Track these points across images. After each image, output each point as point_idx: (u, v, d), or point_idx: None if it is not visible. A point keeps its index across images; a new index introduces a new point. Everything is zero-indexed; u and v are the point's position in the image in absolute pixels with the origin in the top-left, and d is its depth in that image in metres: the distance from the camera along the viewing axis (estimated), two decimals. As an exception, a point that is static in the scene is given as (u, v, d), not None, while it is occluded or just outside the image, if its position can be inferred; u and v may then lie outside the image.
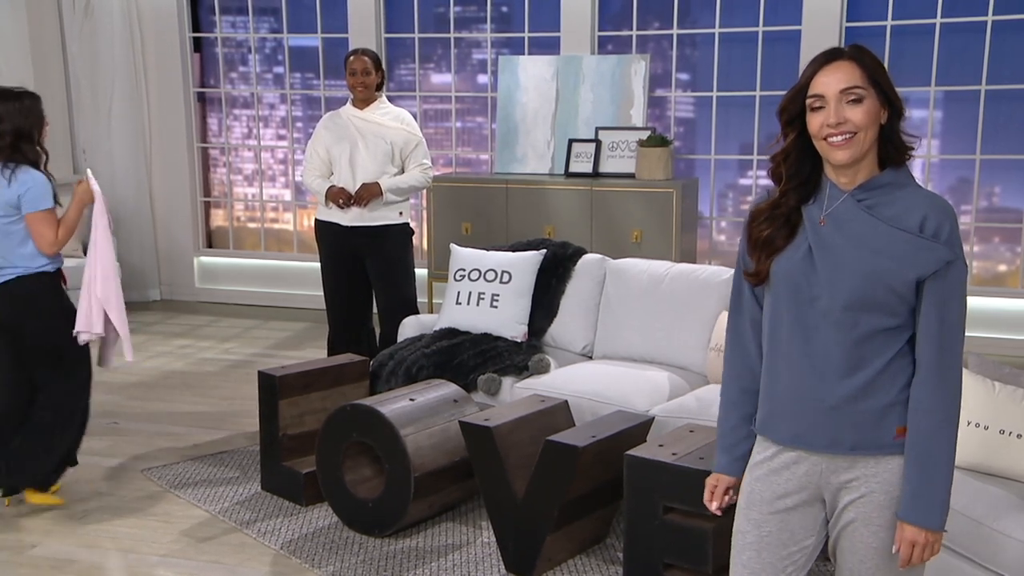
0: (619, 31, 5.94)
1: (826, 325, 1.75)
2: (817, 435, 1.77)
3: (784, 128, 1.81)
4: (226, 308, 6.76)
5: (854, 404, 1.74)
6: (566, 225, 5.47)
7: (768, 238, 1.82)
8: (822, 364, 1.75)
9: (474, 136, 6.54)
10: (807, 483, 1.82)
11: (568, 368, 3.79)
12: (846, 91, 1.73)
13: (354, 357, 3.91)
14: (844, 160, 1.73)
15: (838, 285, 1.73)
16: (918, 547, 1.73)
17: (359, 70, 4.37)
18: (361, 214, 4.39)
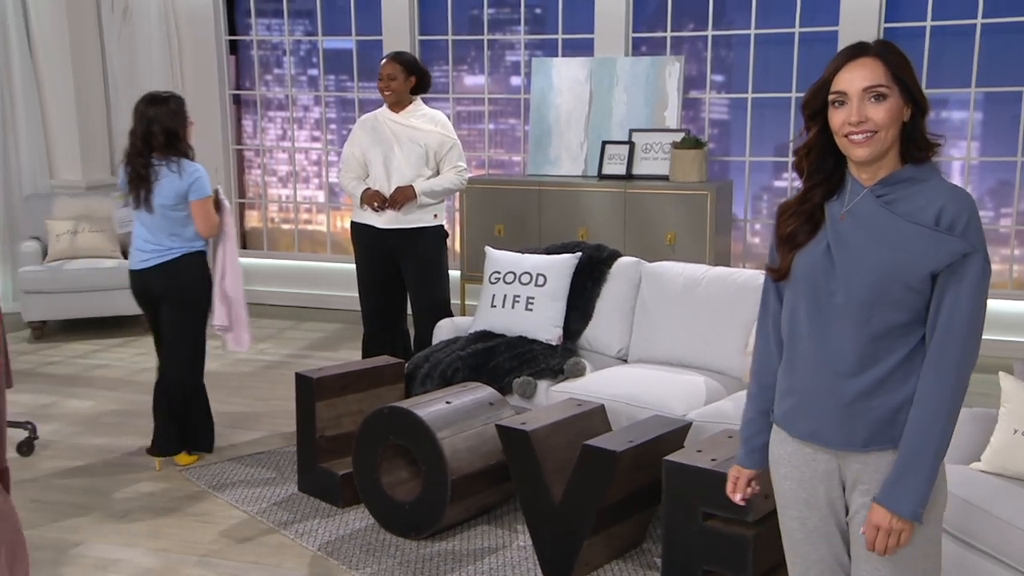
0: (653, 32, 5.93)
1: (842, 321, 1.75)
2: (832, 431, 1.79)
3: (807, 122, 1.82)
4: (260, 309, 6.81)
5: (868, 400, 1.75)
6: (599, 227, 5.47)
7: (791, 233, 1.83)
8: (837, 360, 1.76)
9: (507, 138, 6.54)
10: (829, 477, 1.83)
11: (603, 372, 3.79)
12: (869, 89, 1.72)
13: (390, 359, 3.94)
14: (864, 157, 1.73)
15: (854, 281, 1.74)
16: (882, 531, 1.73)
17: (385, 75, 4.41)
18: (396, 216, 4.42)
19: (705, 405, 3.44)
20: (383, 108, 4.52)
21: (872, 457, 1.77)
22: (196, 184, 3.84)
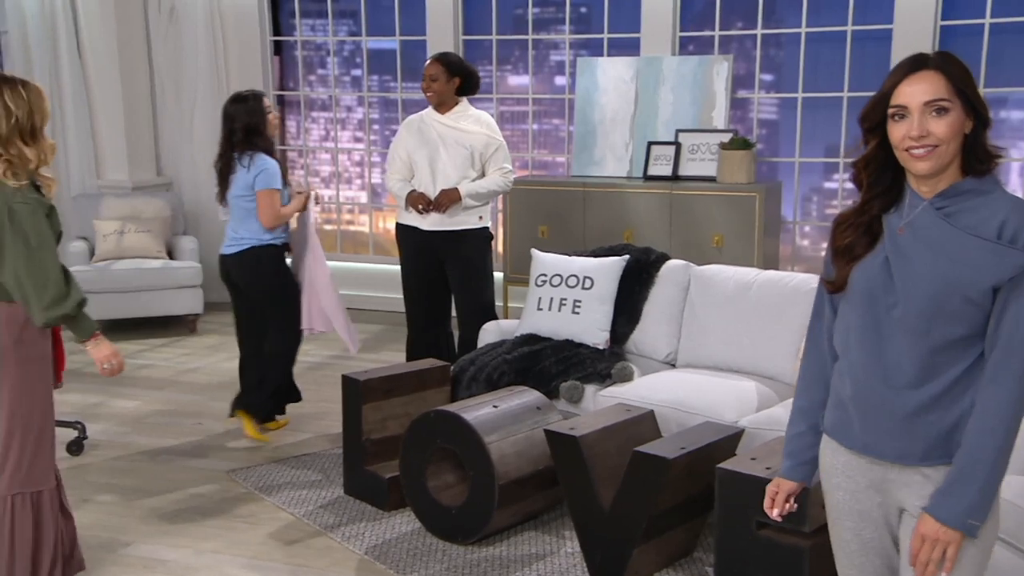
0: (701, 31, 5.88)
1: (900, 334, 1.74)
2: (888, 444, 1.77)
3: (865, 135, 1.81)
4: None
5: (926, 415, 1.73)
6: (645, 229, 5.43)
7: (848, 246, 1.82)
8: (895, 374, 1.75)
9: (551, 138, 6.53)
10: (884, 490, 1.81)
11: (652, 376, 3.77)
12: (930, 103, 1.70)
13: (436, 362, 3.94)
14: (925, 171, 1.72)
15: (913, 294, 1.72)
16: (928, 542, 1.71)
17: (428, 75, 4.42)
18: (441, 219, 4.43)
19: (757, 411, 3.40)
20: (429, 109, 4.53)
21: (929, 471, 1.75)
22: (261, 176, 4.09)
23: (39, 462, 2.76)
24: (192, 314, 6.25)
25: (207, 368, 5.50)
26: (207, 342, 6.07)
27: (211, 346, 5.96)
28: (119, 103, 6.68)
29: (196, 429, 4.49)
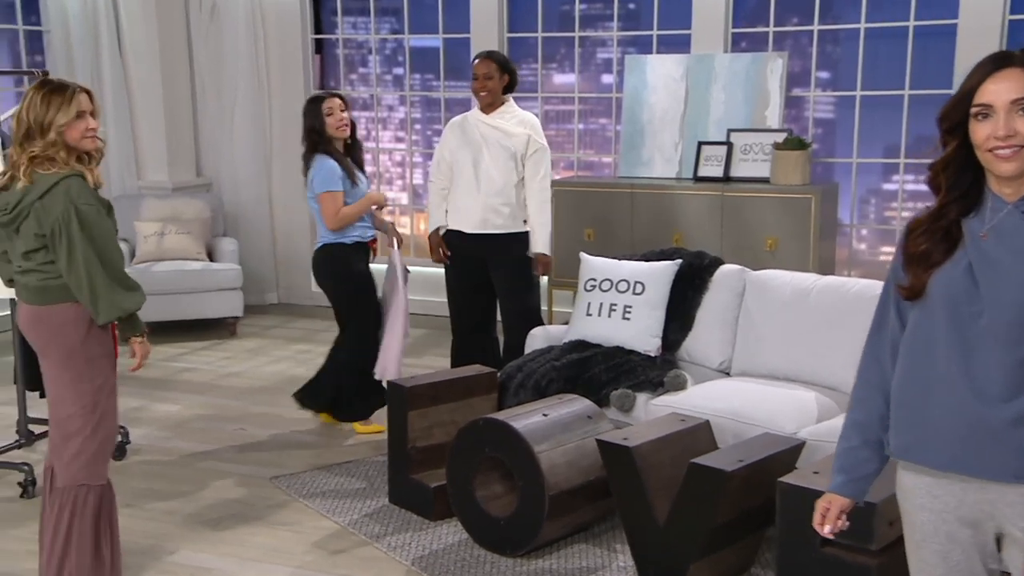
0: (754, 27, 5.83)
1: (988, 344, 1.70)
2: (979, 460, 1.73)
3: (944, 136, 1.78)
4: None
5: (1019, 428, 1.69)
6: (695, 232, 5.40)
7: (925, 252, 1.79)
8: (984, 385, 1.71)
9: (597, 138, 6.52)
10: (975, 508, 1.77)
11: (706, 385, 3.74)
12: (1017, 101, 1.68)
13: (482, 369, 3.95)
14: (1011, 172, 1.69)
15: (1002, 301, 1.69)
16: None
17: (481, 74, 4.41)
18: (485, 221, 4.44)
19: (817, 423, 3.37)
20: (474, 110, 4.54)
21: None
22: (317, 178, 4.26)
23: (101, 457, 2.87)
24: (232, 317, 6.32)
25: (248, 372, 5.56)
26: (247, 345, 6.14)
27: (251, 350, 6.03)
28: (160, 103, 6.78)
29: (238, 434, 4.54)
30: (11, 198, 2.77)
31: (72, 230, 2.71)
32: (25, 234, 2.78)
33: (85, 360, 2.80)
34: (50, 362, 2.83)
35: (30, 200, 2.73)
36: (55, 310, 2.79)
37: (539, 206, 4.47)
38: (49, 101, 2.75)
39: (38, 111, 2.75)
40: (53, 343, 2.80)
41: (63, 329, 2.79)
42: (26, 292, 2.83)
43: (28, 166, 2.74)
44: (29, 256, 2.79)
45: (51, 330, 2.80)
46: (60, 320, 2.79)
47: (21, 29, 6.46)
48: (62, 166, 2.76)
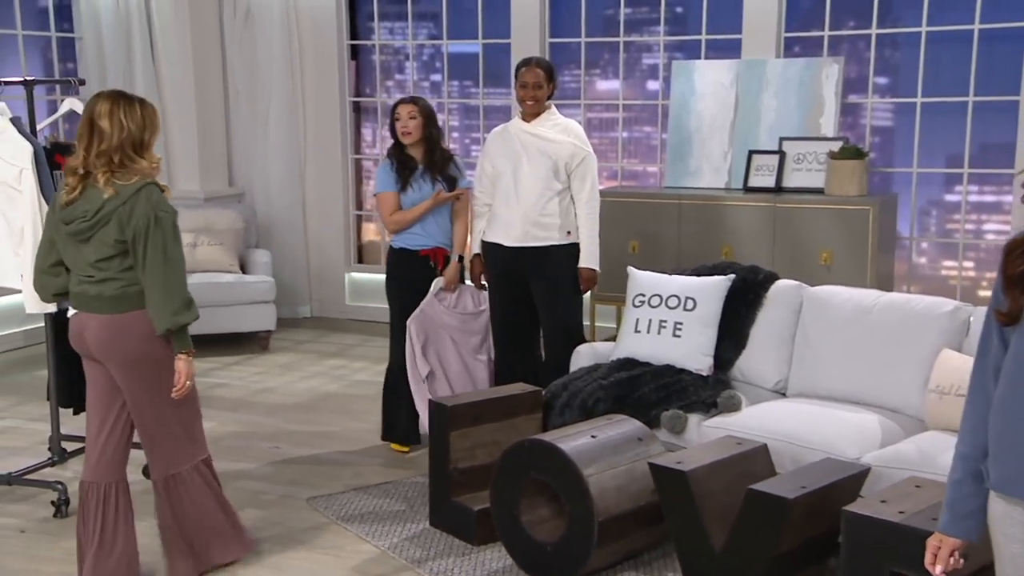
0: (808, 32, 5.79)
1: None
2: None
3: None
4: (377, 327, 6.91)
5: None
6: (745, 245, 5.36)
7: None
8: None
9: (642, 147, 6.50)
10: None
11: (761, 406, 3.71)
12: None
13: (526, 387, 3.94)
14: None
15: None
16: None
17: (531, 83, 4.41)
18: (526, 234, 4.43)
19: (881, 448, 3.32)
20: (515, 119, 4.55)
21: None
22: (375, 180, 4.60)
23: (187, 442, 3.20)
24: (264, 331, 6.37)
25: (281, 388, 5.59)
26: (280, 360, 6.18)
27: (284, 365, 6.06)
28: (192, 110, 6.87)
29: (273, 453, 4.56)
30: (90, 205, 2.92)
31: (151, 236, 2.87)
32: (101, 241, 2.92)
33: (168, 365, 3.00)
34: (130, 374, 2.99)
35: (113, 207, 2.88)
36: (136, 316, 2.94)
37: (586, 217, 4.46)
38: (148, 116, 2.98)
39: (139, 124, 2.95)
40: (132, 350, 2.96)
41: (144, 336, 2.95)
42: (99, 301, 2.96)
43: (109, 175, 2.90)
44: (102, 265, 2.93)
45: (132, 338, 2.94)
46: (141, 327, 2.94)
47: (54, 36, 6.57)
48: (137, 176, 2.93)
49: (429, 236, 4.55)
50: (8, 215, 3.57)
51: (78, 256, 2.98)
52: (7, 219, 3.59)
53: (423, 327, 4.51)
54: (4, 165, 3.51)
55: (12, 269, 3.62)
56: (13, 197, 3.53)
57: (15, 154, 3.51)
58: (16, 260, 3.60)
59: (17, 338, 6.34)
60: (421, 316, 4.51)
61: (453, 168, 4.58)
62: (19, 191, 3.51)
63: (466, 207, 4.58)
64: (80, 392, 4.08)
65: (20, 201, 3.52)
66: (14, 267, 3.61)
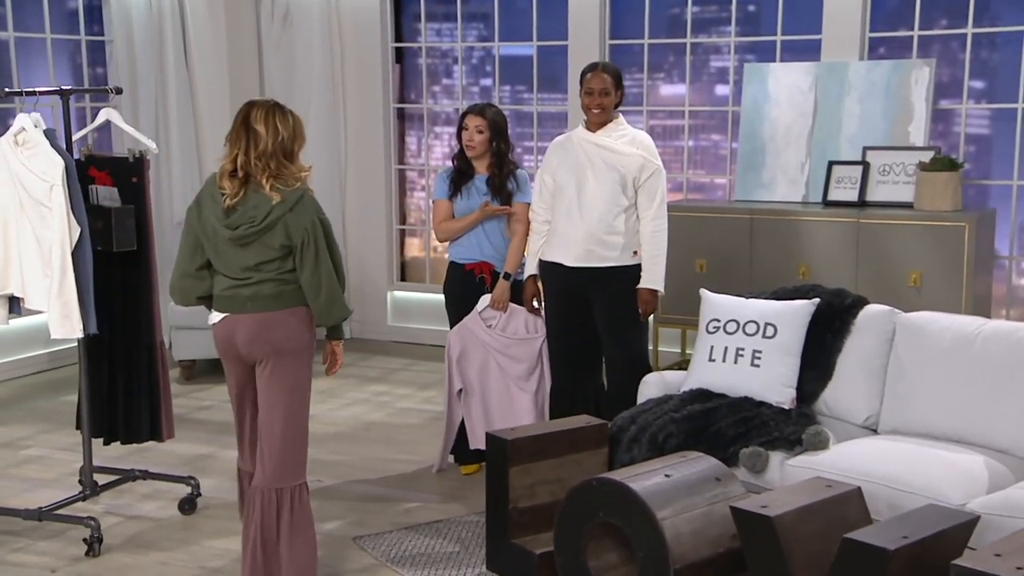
0: (896, 32, 5.74)
1: None
2: None
3: None
4: (421, 350, 6.95)
5: None
6: (824, 265, 5.31)
7: None
8: None
9: (709, 157, 6.47)
10: None
11: (851, 444, 3.65)
12: None
13: (590, 419, 3.90)
14: None
15: None
16: None
17: (597, 89, 4.39)
18: (588, 253, 4.41)
19: (988, 493, 3.25)
20: (579, 128, 4.53)
21: None
22: None
23: (301, 458, 3.43)
24: (302, 353, 6.38)
25: (320, 416, 5.60)
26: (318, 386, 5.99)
27: (323, 391, 6.07)
28: (227, 117, 6.85)
29: (313, 486, 4.53)
30: (257, 211, 3.23)
31: (319, 240, 3.26)
32: (266, 245, 3.25)
33: (308, 362, 3.40)
34: (273, 367, 3.32)
35: (280, 213, 3.22)
36: (287, 314, 3.31)
37: (652, 235, 4.43)
38: (298, 126, 3.36)
39: (290, 132, 3.31)
40: (285, 345, 3.31)
41: (297, 330, 3.33)
42: (253, 301, 3.29)
43: (272, 180, 3.23)
44: (262, 267, 3.27)
45: (280, 333, 3.30)
46: (296, 322, 3.32)
47: (83, 39, 6.68)
48: (295, 181, 3.27)
49: (477, 250, 4.60)
50: (39, 234, 3.62)
51: (234, 260, 3.28)
52: (37, 238, 3.64)
53: (462, 340, 4.59)
54: (36, 181, 3.56)
55: (42, 292, 3.67)
56: (44, 215, 3.58)
57: (46, 169, 3.56)
58: (46, 282, 3.64)
59: (41, 360, 6.44)
60: (462, 330, 4.59)
61: (511, 182, 4.58)
62: (50, 208, 3.55)
63: (523, 224, 4.58)
64: (112, 421, 4.15)
65: (51, 219, 3.56)
66: (44, 289, 3.66)
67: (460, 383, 4.62)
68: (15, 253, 3.76)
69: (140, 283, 4.09)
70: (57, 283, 3.64)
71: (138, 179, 4.00)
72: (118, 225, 3.88)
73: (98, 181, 3.96)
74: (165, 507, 4.31)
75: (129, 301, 4.07)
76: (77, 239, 3.62)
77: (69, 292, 3.62)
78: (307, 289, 3.27)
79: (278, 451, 3.35)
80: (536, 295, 4.63)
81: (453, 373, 4.62)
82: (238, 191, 3.23)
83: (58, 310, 3.63)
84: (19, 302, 3.92)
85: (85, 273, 3.69)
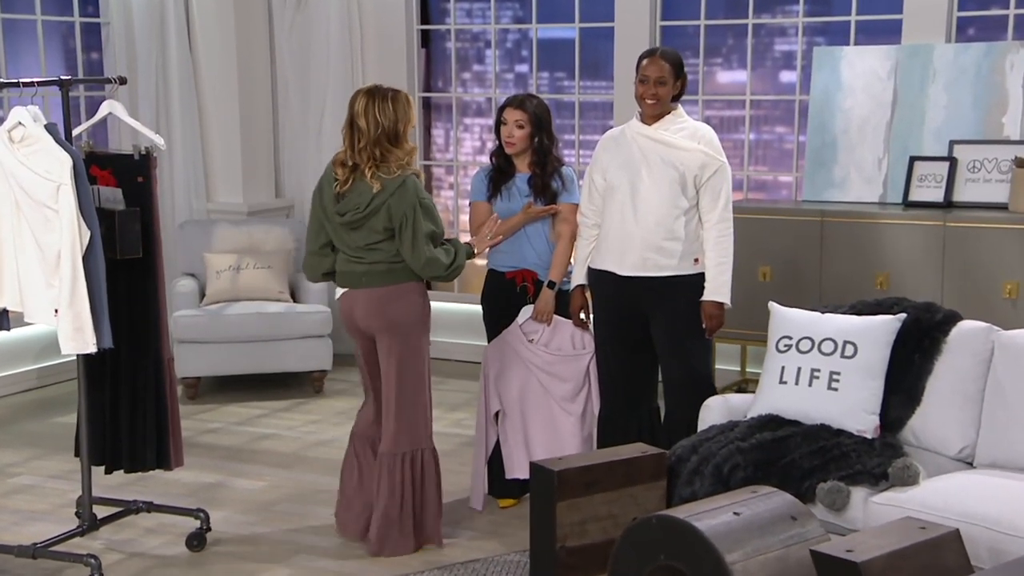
0: (987, 10, 5.72)
1: None
2: None
3: None
4: (449, 366, 6.95)
5: None
6: (905, 274, 5.28)
7: None
8: None
9: (773, 151, 6.46)
10: None
11: (945, 479, 3.61)
12: None
13: (646, 448, 3.88)
14: None
15: None
16: None
17: (652, 78, 4.36)
18: (644, 261, 4.37)
19: (1105, 537, 3.19)
20: (633, 121, 4.51)
21: None
22: None
23: (423, 422, 4.22)
24: (319, 370, 6.40)
25: (341, 440, 5.54)
26: (337, 406, 6.20)
27: (343, 412, 6.08)
28: (235, 109, 6.98)
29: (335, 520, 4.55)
30: (361, 199, 3.97)
31: (417, 221, 3.94)
32: (371, 228, 3.99)
33: (421, 334, 4.14)
34: (390, 340, 4.08)
35: (381, 200, 3.94)
36: (404, 288, 4.07)
37: (716, 241, 4.39)
38: (400, 109, 3.99)
39: (391, 118, 3.97)
40: (398, 319, 4.06)
41: (409, 304, 4.08)
42: (368, 277, 4.06)
43: (374, 169, 3.95)
44: (372, 246, 4.03)
45: (394, 307, 4.05)
46: (407, 297, 4.08)
47: (77, 21, 6.73)
48: (397, 166, 3.96)
49: (518, 256, 4.60)
50: (41, 240, 3.62)
51: (348, 240, 4.06)
52: (40, 244, 3.64)
53: (500, 356, 4.60)
54: (39, 182, 3.57)
55: (46, 303, 3.67)
56: (49, 218, 3.58)
57: (51, 167, 3.56)
58: (50, 292, 3.64)
59: (29, 377, 6.48)
60: (500, 344, 4.60)
61: (556, 181, 4.56)
62: (55, 211, 3.55)
63: (570, 227, 4.57)
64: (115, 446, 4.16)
65: (57, 223, 3.57)
66: (48, 300, 3.66)
67: (498, 404, 4.60)
68: (8, 261, 3.76)
69: (147, 293, 4.09)
70: (68, 293, 3.62)
71: (144, 178, 4.00)
72: (122, 230, 3.88)
73: (100, 181, 3.97)
74: (172, 543, 4.31)
75: (135, 314, 4.07)
76: (87, 244, 3.62)
77: (81, 303, 3.62)
78: (411, 265, 4.01)
79: (394, 419, 4.11)
80: (584, 307, 4.60)
81: (490, 393, 4.61)
82: (347, 179, 4.00)
83: (69, 323, 3.63)
84: (5, 317, 3.91)
85: (98, 282, 3.68)
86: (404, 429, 4.13)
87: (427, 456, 4.21)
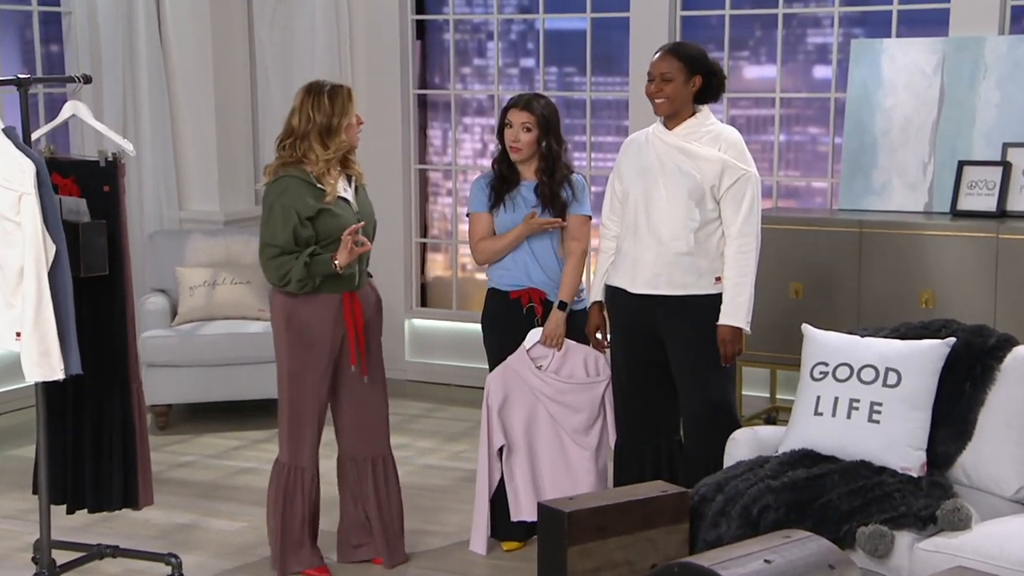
0: (1044, -1, 5.72)
1: None
2: None
3: None
4: (447, 391, 6.95)
5: None
6: (954, 291, 5.30)
7: None
8: None
9: (806, 155, 6.48)
10: None
11: (1000, 523, 3.61)
12: None
13: (667, 487, 3.89)
14: None
15: None
16: None
17: (656, 74, 4.38)
18: (656, 278, 4.37)
19: None
20: (657, 123, 4.51)
21: None
22: None
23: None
24: (300, 397, 6.39)
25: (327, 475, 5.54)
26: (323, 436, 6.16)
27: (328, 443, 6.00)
28: (211, 108, 7.00)
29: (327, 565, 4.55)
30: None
31: (262, 228, 4.36)
32: None
33: (282, 338, 4.43)
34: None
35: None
36: (275, 293, 4.46)
37: (736, 256, 4.39)
38: (334, 102, 4.26)
39: (327, 112, 4.25)
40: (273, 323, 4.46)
41: (275, 307, 4.45)
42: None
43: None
44: None
45: (272, 310, 4.45)
46: (275, 298, 4.45)
47: (35, 10, 6.75)
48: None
49: (523, 274, 4.58)
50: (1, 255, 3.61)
51: None
52: None
53: (505, 385, 4.57)
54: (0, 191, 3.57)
55: (5, 325, 3.66)
56: (10, 231, 3.56)
57: (11, 176, 3.54)
58: (11, 313, 3.63)
59: (-23, 408, 6.46)
60: (504, 371, 4.57)
61: (565, 190, 4.56)
62: (16, 223, 3.54)
63: (581, 242, 4.57)
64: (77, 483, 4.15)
65: (18, 236, 3.56)
66: (6, 323, 3.65)
67: (502, 439, 4.59)
68: (-41, 279, 3.76)
69: (113, 314, 4.09)
70: (32, 314, 3.60)
71: (111, 187, 4.01)
72: (87, 244, 3.88)
73: (61, 190, 3.97)
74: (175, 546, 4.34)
75: (100, 336, 4.07)
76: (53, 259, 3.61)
77: (47, 325, 3.60)
78: None
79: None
80: (601, 326, 4.60)
81: (493, 426, 4.59)
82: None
83: (34, 347, 3.60)
84: None
85: (65, 301, 3.67)
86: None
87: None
